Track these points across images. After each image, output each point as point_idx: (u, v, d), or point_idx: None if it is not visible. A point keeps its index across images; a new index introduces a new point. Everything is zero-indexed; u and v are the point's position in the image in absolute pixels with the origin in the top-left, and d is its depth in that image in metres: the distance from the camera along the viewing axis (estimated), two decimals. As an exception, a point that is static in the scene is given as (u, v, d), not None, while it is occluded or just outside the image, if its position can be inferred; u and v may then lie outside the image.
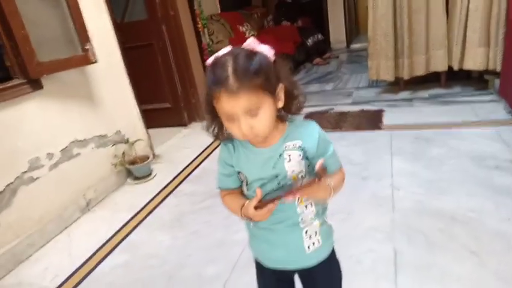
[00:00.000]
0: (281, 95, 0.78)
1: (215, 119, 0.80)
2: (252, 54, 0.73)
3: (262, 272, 0.97)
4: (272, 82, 0.75)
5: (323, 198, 0.82)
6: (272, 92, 0.75)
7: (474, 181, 1.97)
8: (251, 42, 0.76)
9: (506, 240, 1.52)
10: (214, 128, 0.83)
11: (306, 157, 0.82)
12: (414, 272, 1.44)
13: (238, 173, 0.87)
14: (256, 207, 0.76)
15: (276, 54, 0.78)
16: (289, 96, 0.80)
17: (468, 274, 1.39)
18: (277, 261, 0.91)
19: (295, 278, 1.00)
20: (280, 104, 0.78)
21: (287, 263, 0.91)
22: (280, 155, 0.81)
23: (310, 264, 0.90)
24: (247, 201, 0.80)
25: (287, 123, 0.83)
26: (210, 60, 0.76)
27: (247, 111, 0.72)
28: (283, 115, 0.82)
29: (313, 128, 0.83)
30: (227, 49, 0.76)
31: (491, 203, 1.77)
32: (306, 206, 0.85)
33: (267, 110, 0.74)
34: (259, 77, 0.71)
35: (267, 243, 0.90)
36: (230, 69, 0.70)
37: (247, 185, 0.86)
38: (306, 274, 0.94)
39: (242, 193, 0.90)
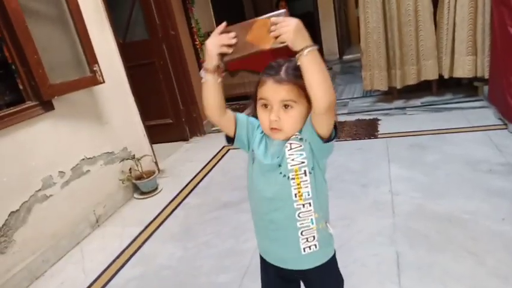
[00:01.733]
0: None
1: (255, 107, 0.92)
2: None
3: (265, 267, 1.04)
4: None
5: (292, 37, 0.75)
6: (309, 101, 0.81)
7: (469, 184, 2.07)
8: None
9: (501, 239, 1.62)
10: (253, 111, 0.94)
11: (309, 146, 0.86)
12: (417, 272, 1.52)
13: (252, 150, 0.94)
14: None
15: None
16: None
17: (467, 273, 1.47)
18: (276, 258, 0.98)
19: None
20: None
21: (284, 261, 0.97)
22: (285, 146, 0.88)
23: (306, 266, 0.96)
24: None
25: None
26: None
27: (282, 101, 0.83)
28: None
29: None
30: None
31: (486, 204, 1.87)
32: (303, 205, 0.90)
33: (299, 111, 0.84)
34: (304, 81, 0.80)
35: (267, 238, 0.97)
36: (283, 67, 0.84)
37: (253, 163, 0.94)
38: (304, 277, 1.01)
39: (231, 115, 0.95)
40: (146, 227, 2.29)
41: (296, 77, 0.81)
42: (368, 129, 3.16)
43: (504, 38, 2.57)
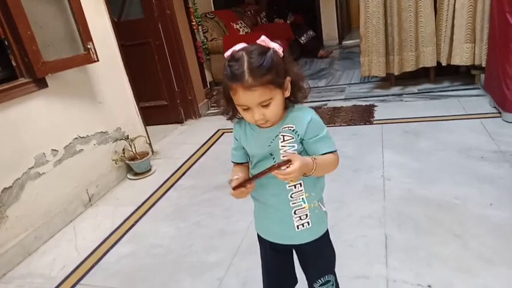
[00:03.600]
0: (288, 86, 0.88)
1: (230, 104, 0.91)
2: (264, 51, 0.82)
3: (262, 242, 1.08)
4: (281, 76, 0.84)
5: (303, 174, 0.85)
6: (281, 85, 0.84)
7: (460, 171, 2.09)
8: (264, 39, 0.85)
9: (488, 224, 1.64)
10: (229, 110, 0.93)
11: (300, 141, 0.90)
12: (404, 254, 1.55)
13: (243, 148, 0.98)
14: (234, 188, 0.89)
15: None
16: (296, 87, 0.89)
17: (453, 255, 1.50)
18: (271, 234, 1.03)
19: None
20: (287, 94, 0.88)
21: (279, 237, 1.01)
22: (277, 136, 0.90)
23: (299, 241, 1.00)
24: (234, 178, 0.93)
25: (289, 108, 0.92)
26: (227, 53, 0.85)
27: (260, 104, 0.83)
28: (288, 103, 0.91)
29: (308, 113, 0.91)
30: (242, 45, 0.85)
31: (476, 190, 1.89)
32: (295, 186, 0.93)
33: (277, 101, 0.85)
34: (270, 74, 0.80)
35: (263, 216, 1.02)
36: (245, 66, 0.80)
37: (250, 158, 0.98)
38: (297, 249, 1.05)
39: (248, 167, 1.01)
40: (139, 207, 2.30)
41: (263, 76, 0.79)
42: (363, 115, 3.16)
43: (502, 26, 2.55)
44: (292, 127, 0.89)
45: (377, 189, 2.05)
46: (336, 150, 0.93)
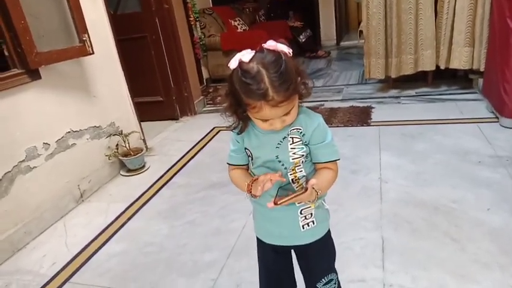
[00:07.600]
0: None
1: (240, 117, 0.87)
2: (278, 58, 0.77)
3: (262, 246, 1.05)
4: (297, 81, 0.81)
5: (307, 201, 0.90)
6: (298, 90, 0.82)
7: (457, 174, 2.08)
8: (272, 44, 0.80)
9: (484, 228, 1.63)
10: (239, 123, 0.90)
11: (305, 143, 0.90)
12: (400, 257, 1.53)
13: (245, 149, 0.94)
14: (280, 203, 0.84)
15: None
16: (303, 85, 0.86)
17: (449, 259, 1.49)
18: (275, 237, 1.00)
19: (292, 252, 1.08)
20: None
21: (284, 239, 0.99)
22: (285, 138, 0.88)
23: (304, 242, 0.98)
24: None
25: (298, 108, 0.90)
26: (234, 64, 0.79)
27: (284, 114, 0.81)
28: None
29: (316, 119, 0.91)
30: (249, 53, 0.78)
31: (472, 194, 1.88)
32: (302, 188, 0.90)
33: (296, 105, 0.84)
34: (293, 85, 0.78)
35: (266, 220, 0.99)
36: (267, 83, 0.75)
37: (252, 159, 0.95)
38: (301, 250, 1.03)
39: (248, 168, 0.98)
40: (132, 204, 2.26)
41: (287, 90, 0.76)
42: (361, 117, 3.14)
43: (502, 30, 2.54)
44: (300, 129, 0.88)
45: (374, 191, 2.03)
46: (338, 159, 0.93)
